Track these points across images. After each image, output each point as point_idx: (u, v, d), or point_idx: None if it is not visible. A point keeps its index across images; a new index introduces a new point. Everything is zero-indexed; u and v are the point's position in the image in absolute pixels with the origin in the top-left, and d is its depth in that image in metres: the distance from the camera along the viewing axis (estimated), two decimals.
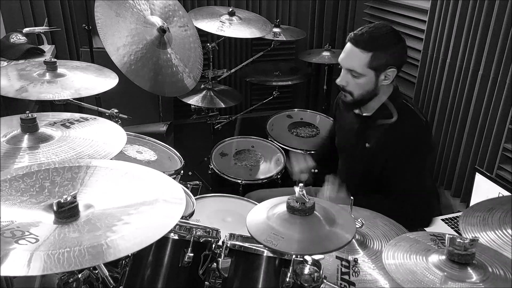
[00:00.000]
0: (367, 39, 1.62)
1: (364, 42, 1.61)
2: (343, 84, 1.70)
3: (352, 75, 1.67)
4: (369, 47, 1.61)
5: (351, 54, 1.65)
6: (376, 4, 3.11)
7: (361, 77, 1.65)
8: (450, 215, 1.99)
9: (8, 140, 1.23)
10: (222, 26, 2.69)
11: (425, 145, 1.72)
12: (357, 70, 1.64)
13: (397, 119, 1.70)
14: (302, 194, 1.10)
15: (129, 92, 2.22)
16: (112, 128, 1.38)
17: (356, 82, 1.67)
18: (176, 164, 1.86)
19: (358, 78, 1.66)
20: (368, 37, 1.62)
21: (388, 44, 1.63)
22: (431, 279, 0.91)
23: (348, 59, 1.66)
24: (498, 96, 2.09)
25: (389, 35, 1.65)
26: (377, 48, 1.61)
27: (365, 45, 1.61)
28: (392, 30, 1.66)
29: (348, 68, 1.67)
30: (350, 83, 1.68)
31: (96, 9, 2.12)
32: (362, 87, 1.67)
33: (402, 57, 1.70)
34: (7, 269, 0.77)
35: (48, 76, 1.65)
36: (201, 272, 1.22)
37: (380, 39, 1.63)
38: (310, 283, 1.07)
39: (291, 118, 2.92)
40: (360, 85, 1.67)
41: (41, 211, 0.94)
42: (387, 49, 1.63)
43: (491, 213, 1.10)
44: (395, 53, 1.65)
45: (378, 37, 1.62)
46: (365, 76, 1.64)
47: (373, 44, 1.61)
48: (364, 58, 1.62)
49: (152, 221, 0.92)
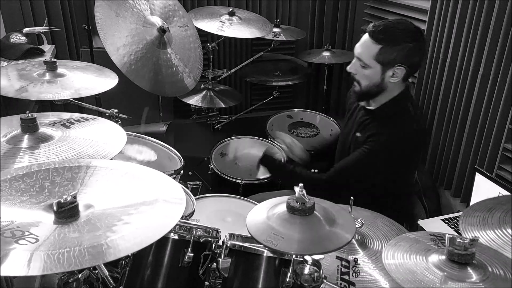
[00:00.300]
0: (380, 31, 1.62)
1: (376, 34, 1.62)
2: (352, 72, 1.72)
3: (360, 64, 1.68)
4: (379, 39, 1.61)
5: (363, 43, 1.67)
6: (376, 4, 3.11)
7: (367, 68, 1.66)
8: (450, 215, 1.99)
9: (8, 140, 1.23)
10: (222, 26, 2.69)
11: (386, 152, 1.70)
12: (364, 60, 1.66)
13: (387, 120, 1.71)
14: (302, 194, 1.10)
15: (129, 92, 2.22)
16: (112, 128, 1.38)
17: (363, 73, 1.68)
18: (176, 164, 1.86)
19: (365, 69, 1.67)
20: (381, 29, 1.62)
21: (399, 41, 1.62)
22: (431, 279, 0.91)
23: (359, 47, 1.69)
24: (498, 96, 2.09)
25: (404, 32, 1.63)
26: (387, 42, 1.61)
27: (376, 37, 1.62)
28: (409, 28, 1.65)
29: (357, 56, 1.69)
30: (358, 72, 1.70)
31: (96, 9, 2.12)
32: (368, 79, 1.68)
33: (414, 57, 1.67)
34: (7, 269, 0.77)
35: (48, 76, 1.65)
36: (201, 272, 1.22)
37: (393, 34, 1.62)
38: (310, 283, 1.07)
39: (291, 118, 2.92)
40: (366, 76, 1.68)
41: (41, 211, 0.94)
42: (396, 45, 1.62)
43: (491, 213, 1.10)
44: (406, 51, 1.63)
45: (391, 32, 1.62)
46: (371, 68, 1.65)
47: (384, 37, 1.61)
48: (372, 50, 1.63)
49: (152, 221, 0.92)
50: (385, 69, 1.64)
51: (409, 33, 1.64)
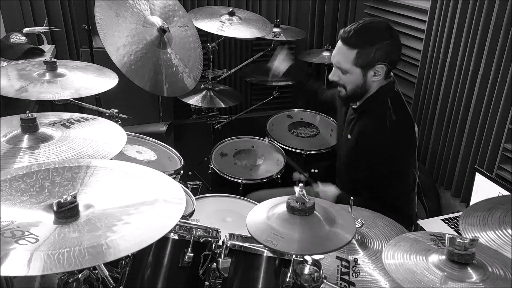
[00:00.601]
0: (352, 36, 1.62)
1: (349, 40, 1.62)
2: (335, 79, 1.73)
3: (341, 71, 1.70)
4: (354, 44, 1.62)
5: (339, 51, 1.68)
6: (376, 4, 3.11)
7: (348, 74, 1.68)
8: (450, 215, 1.99)
9: (8, 140, 1.23)
10: (222, 26, 2.68)
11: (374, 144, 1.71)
12: (343, 67, 1.67)
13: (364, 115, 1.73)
14: (302, 194, 1.10)
15: (129, 92, 2.22)
16: (112, 128, 1.38)
17: (346, 79, 1.70)
18: (176, 164, 1.86)
19: (345, 75, 1.69)
20: (353, 34, 1.62)
21: (374, 41, 1.62)
22: (431, 279, 0.91)
23: (336, 56, 1.70)
24: (498, 96, 2.09)
25: (378, 31, 1.64)
26: (362, 46, 1.61)
27: (350, 43, 1.62)
28: (381, 27, 1.65)
29: (336, 64, 1.71)
30: (341, 78, 1.72)
31: (96, 9, 2.12)
32: (351, 83, 1.70)
33: (393, 53, 1.67)
34: (7, 269, 0.77)
35: (48, 76, 1.65)
36: (201, 272, 1.22)
37: (367, 36, 1.62)
38: (310, 283, 1.07)
39: (291, 118, 2.92)
40: (350, 81, 1.69)
41: (41, 211, 0.94)
42: (372, 45, 1.61)
43: (491, 213, 1.10)
44: (383, 50, 1.63)
45: (363, 34, 1.62)
46: (352, 73, 1.66)
47: (358, 41, 1.61)
48: (349, 55, 1.63)
49: (152, 221, 0.92)
50: (366, 71, 1.65)
51: (383, 31, 1.64)
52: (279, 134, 2.72)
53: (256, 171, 2.43)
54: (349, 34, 1.62)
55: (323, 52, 3.12)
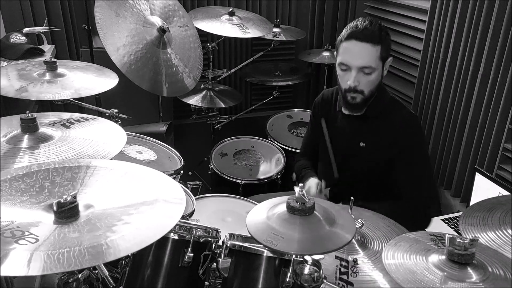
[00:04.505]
0: (375, 32, 1.62)
1: (372, 36, 1.61)
2: (356, 84, 1.65)
3: (364, 72, 1.63)
4: (378, 39, 1.61)
5: (362, 50, 1.61)
6: (376, 4, 3.11)
7: (373, 72, 1.63)
8: (450, 215, 1.99)
9: (8, 140, 1.23)
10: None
11: (420, 134, 1.76)
12: (371, 65, 1.62)
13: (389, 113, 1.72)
14: (302, 194, 1.10)
15: (129, 92, 2.22)
16: (112, 128, 1.38)
17: (368, 79, 1.65)
18: (176, 164, 1.86)
19: (370, 74, 1.63)
20: (375, 29, 1.62)
21: (386, 34, 1.66)
22: (431, 279, 0.91)
23: (359, 57, 1.62)
24: (498, 96, 2.09)
25: (382, 26, 1.67)
26: (383, 39, 1.63)
27: (374, 38, 1.61)
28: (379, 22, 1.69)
29: (362, 65, 1.62)
30: (361, 81, 1.65)
31: (96, 9, 2.12)
32: (372, 83, 1.66)
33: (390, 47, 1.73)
34: (7, 269, 0.77)
35: (48, 76, 1.65)
36: (201, 272, 1.22)
37: (380, 29, 1.64)
38: (310, 283, 1.07)
39: (291, 118, 2.92)
40: (371, 81, 1.65)
41: (41, 211, 0.94)
42: (387, 39, 1.66)
43: (491, 213, 1.10)
44: (389, 43, 1.68)
45: (378, 28, 1.64)
46: (377, 69, 1.64)
47: (380, 35, 1.62)
48: (375, 51, 1.61)
49: (152, 221, 0.92)
50: (384, 65, 1.67)
51: (383, 27, 1.68)
52: (279, 134, 2.72)
53: (256, 171, 2.43)
54: (370, 31, 1.62)
55: (323, 52, 3.12)
